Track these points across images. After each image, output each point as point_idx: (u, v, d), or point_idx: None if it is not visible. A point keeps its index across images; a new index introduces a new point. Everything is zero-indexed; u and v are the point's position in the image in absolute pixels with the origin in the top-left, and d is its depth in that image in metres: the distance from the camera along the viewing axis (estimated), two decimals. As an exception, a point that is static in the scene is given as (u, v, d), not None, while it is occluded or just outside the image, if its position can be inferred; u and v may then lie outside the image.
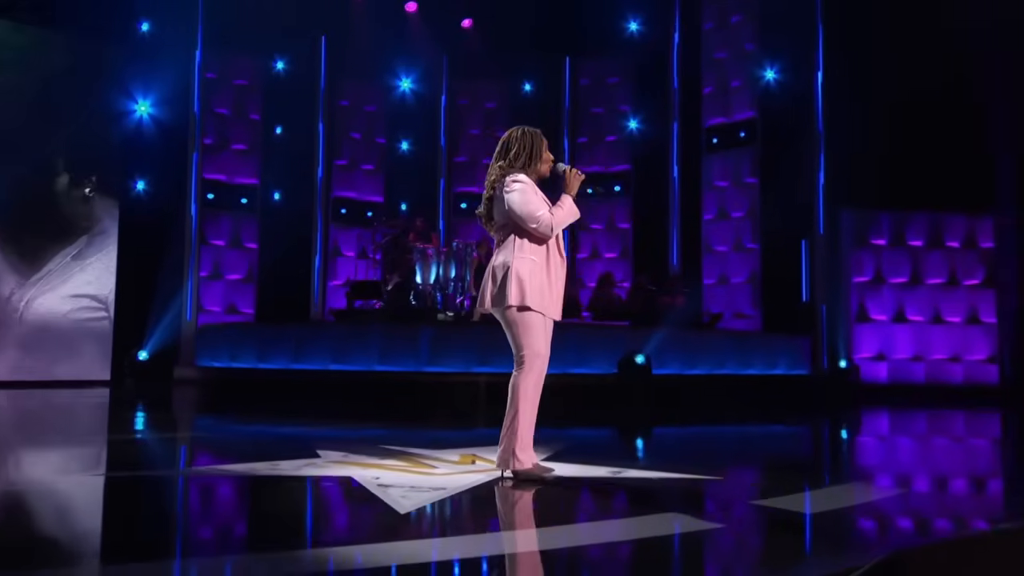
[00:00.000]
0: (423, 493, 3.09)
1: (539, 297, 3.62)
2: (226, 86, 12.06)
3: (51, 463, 4.22)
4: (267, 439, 5.32)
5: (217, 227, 11.87)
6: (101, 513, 3.03)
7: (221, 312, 11.77)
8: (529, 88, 13.99)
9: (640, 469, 3.88)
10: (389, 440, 4.70)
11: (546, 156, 3.81)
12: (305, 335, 9.40)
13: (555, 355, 9.09)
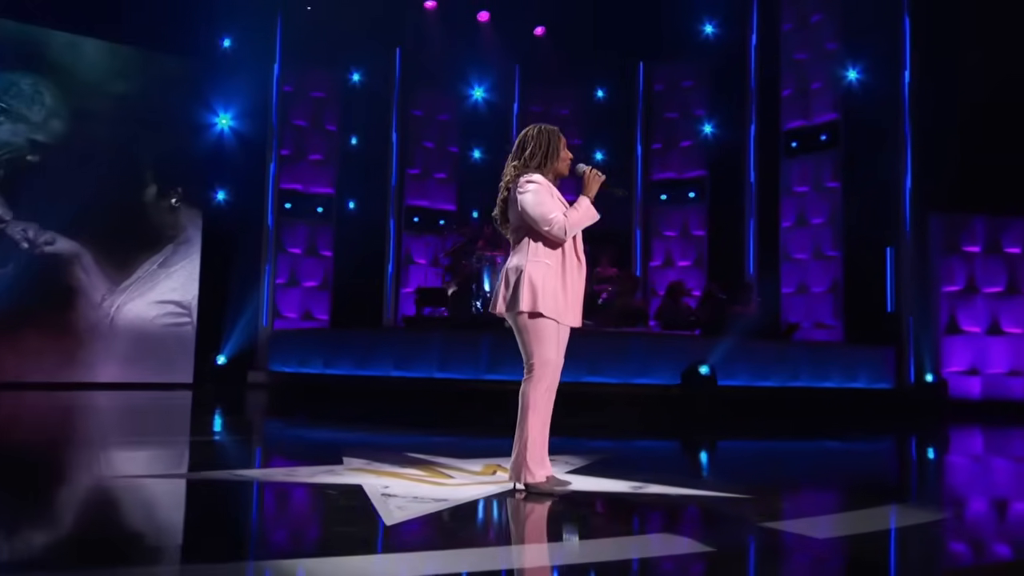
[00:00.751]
0: (422, 504, 3.06)
1: (552, 303, 3.50)
2: (303, 99, 12.42)
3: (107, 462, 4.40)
4: (303, 444, 5.42)
5: (294, 235, 12.23)
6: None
7: (297, 318, 12.11)
8: (602, 94, 13.87)
9: (667, 485, 3.73)
10: (426, 448, 4.70)
11: (564, 155, 3.70)
12: (369, 342, 9.55)
13: (617, 365, 9.02)
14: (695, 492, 3.63)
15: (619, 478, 3.89)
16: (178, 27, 10.84)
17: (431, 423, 7.10)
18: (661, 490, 3.65)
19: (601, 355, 9.08)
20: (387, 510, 2.89)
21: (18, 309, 10.27)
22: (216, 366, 11.17)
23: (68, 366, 10.60)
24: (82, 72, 10.93)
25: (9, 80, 10.53)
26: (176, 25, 10.79)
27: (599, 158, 13.87)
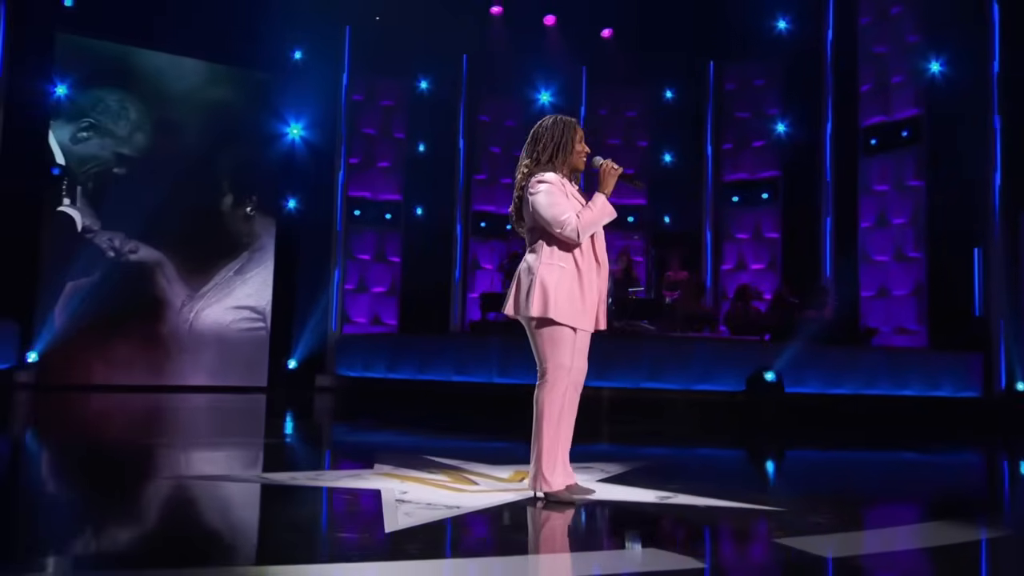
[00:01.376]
0: (433, 511, 3.03)
1: (566, 307, 3.37)
2: (372, 107, 12.66)
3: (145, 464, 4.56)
4: (345, 447, 5.48)
5: (363, 242, 12.47)
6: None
7: (367, 323, 12.33)
8: (670, 95, 13.64)
9: (698, 495, 3.60)
10: (468, 453, 4.69)
11: (579, 148, 3.56)
12: (430, 347, 9.64)
13: (679, 370, 8.80)
14: (724, 504, 3.49)
15: (650, 487, 3.78)
16: (252, 42, 11.21)
17: (484, 428, 7.09)
18: (688, 501, 3.52)
19: (662, 360, 8.92)
20: (394, 516, 2.88)
21: (105, 314, 10.79)
22: (287, 370, 11.47)
23: (151, 369, 11.08)
24: (163, 87, 11.43)
25: (97, 97, 11.10)
26: (250, 40, 11.15)
27: (667, 160, 13.66)
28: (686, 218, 13.37)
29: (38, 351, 10.16)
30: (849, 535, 3.02)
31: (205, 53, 11.38)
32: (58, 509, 3.26)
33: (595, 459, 4.71)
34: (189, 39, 10.96)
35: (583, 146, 3.59)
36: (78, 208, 10.92)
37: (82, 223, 10.93)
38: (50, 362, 10.33)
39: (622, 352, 8.95)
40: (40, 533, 2.75)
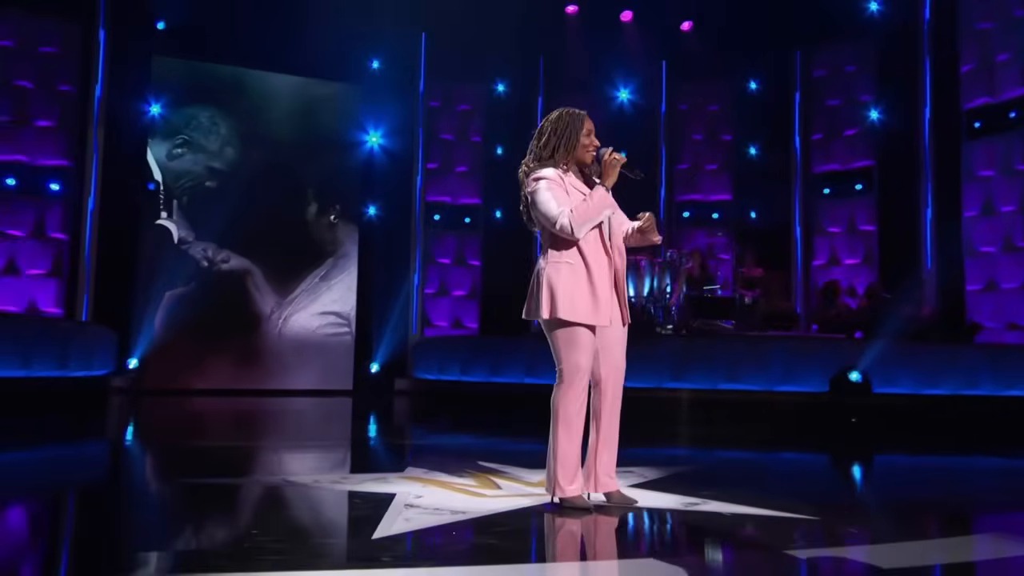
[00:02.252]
0: (435, 516, 2.97)
1: (575, 305, 3.26)
2: (449, 112, 12.79)
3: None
4: (390, 451, 5.49)
5: (443, 246, 12.60)
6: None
7: (447, 327, 12.45)
8: (755, 86, 13.18)
9: (731, 502, 3.41)
10: (512, 457, 4.62)
11: (585, 142, 3.43)
12: (502, 349, 9.62)
13: (758, 371, 8.43)
14: (754, 511, 3.29)
15: (683, 493, 3.62)
16: (332, 54, 11.52)
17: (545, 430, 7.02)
18: (716, 507, 3.34)
19: (740, 361, 8.60)
20: (392, 522, 2.85)
21: (200, 321, 11.33)
22: (370, 374, 11.72)
23: (243, 374, 11.53)
24: (250, 102, 11.90)
25: (190, 114, 11.67)
26: (330, 52, 11.47)
27: (752, 153, 13.20)
28: (773, 213, 12.88)
29: (138, 357, 10.74)
30: (873, 548, 2.78)
31: (288, 67, 11.77)
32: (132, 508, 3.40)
33: (644, 463, 4.57)
34: (273, 55, 11.36)
35: (591, 139, 3.46)
36: (174, 221, 11.50)
37: (178, 235, 11.51)
38: (149, 368, 10.91)
39: (697, 353, 8.69)
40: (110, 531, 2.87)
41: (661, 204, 13.25)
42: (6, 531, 2.98)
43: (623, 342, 3.42)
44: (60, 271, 10.64)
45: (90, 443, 5.93)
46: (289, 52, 11.30)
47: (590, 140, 3.44)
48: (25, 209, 10.55)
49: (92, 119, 10.70)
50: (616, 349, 3.39)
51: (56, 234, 10.68)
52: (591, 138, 3.45)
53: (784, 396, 8.36)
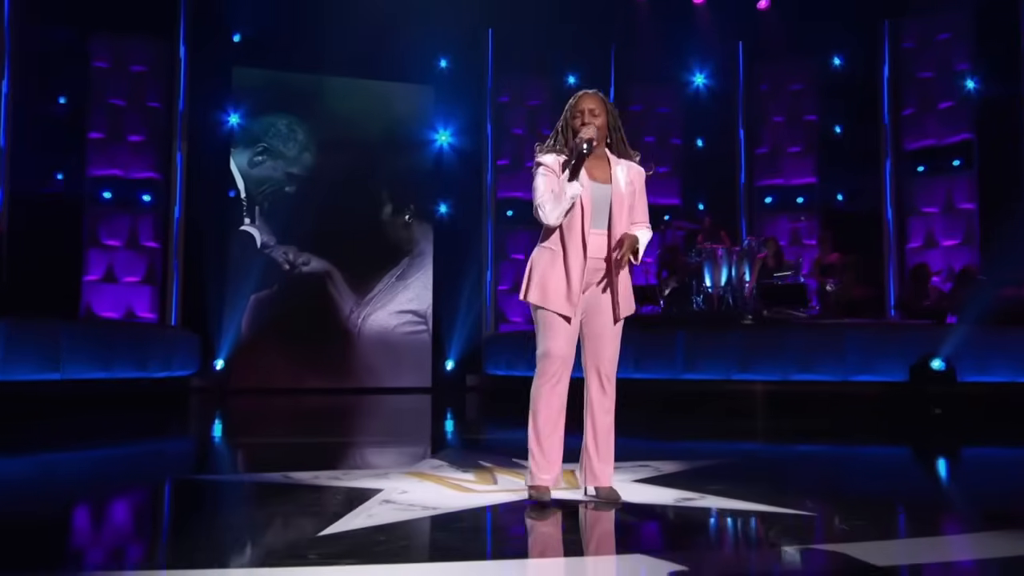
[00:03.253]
0: (405, 512, 2.91)
1: (543, 291, 3.21)
2: (520, 107, 12.76)
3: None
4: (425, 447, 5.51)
5: (516, 242, 12.59)
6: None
7: (523, 323, 12.43)
8: (839, 62, 12.53)
9: (731, 498, 3.23)
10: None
11: (575, 125, 3.29)
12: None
13: (833, 361, 8.00)
14: (750, 507, 3.09)
15: (684, 488, 3.46)
16: (401, 56, 11.69)
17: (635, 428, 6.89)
18: (710, 503, 3.18)
19: (813, 350, 8.19)
20: (353, 518, 2.81)
21: (283, 322, 11.75)
22: (446, 371, 11.85)
23: (325, 372, 11.88)
24: (325, 107, 12.24)
25: (269, 123, 12.12)
26: (399, 54, 11.65)
27: (838, 132, 12.55)
28: (863, 194, 12.21)
29: (224, 358, 11.24)
30: (860, 545, 2.56)
31: (360, 71, 12.02)
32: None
33: (675, 457, 4.41)
34: (345, 60, 11.61)
35: (577, 121, 3.32)
36: (256, 226, 11.97)
37: (261, 240, 11.97)
38: (235, 368, 11.40)
39: (767, 343, 8.34)
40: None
41: (740, 190, 12.80)
42: (110, 518, 3.17)
43: (616, 334, 3.30)
44: (153, 278, 11.27)
45: (175, 439, 6.25)
46: (360, 57, 11.54)
47: (577, 122, 3.31)
48: (120, 220, 11.23)
49: (176, 132, 11.27)
50: (606, 340, 3.28)
51: (148, 243, 11.32)
52: (577, 120, 3.31)
53: (860, 387, 7.91)
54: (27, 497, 3.56)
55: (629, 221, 3.32)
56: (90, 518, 3.21)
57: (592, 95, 3.35)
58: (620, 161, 3.37)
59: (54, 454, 5.02)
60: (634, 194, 3.34)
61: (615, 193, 3.28)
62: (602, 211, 3.26)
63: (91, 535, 2.91)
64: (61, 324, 7.54)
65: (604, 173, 3.31)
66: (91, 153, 11.18)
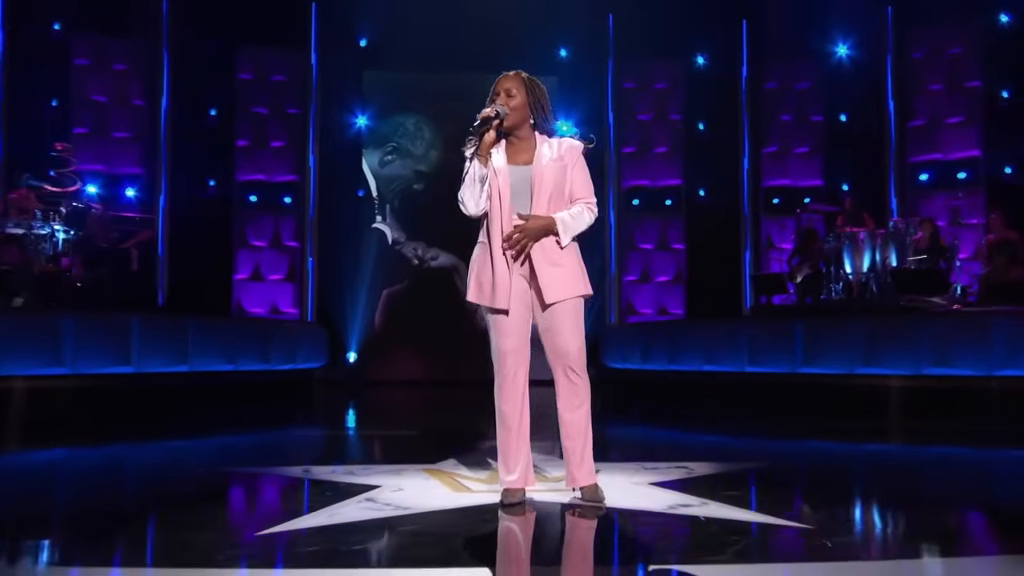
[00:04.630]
0: (375, 511, 2.88)
1: (479, 287, 3.14)
2: (646, 92, 12.39)
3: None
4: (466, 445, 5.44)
5: (643, 231, 12.25)
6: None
7: (653, 314, 12.10)
8: (1007, 19, 11.16)
9: (735, 505, 2.95)
10: (627, 449, 4.40)
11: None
12: (677, 335, 9.15)
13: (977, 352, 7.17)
14: (744, 517, 2.81)
15: (689, 493, 3.22)
16: (522, 48, 11.64)
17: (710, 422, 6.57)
18: (703, 511, 2.91)
19: (952, 340, 7.37)
20: (317, 515, 2.80)
21: (412, 316, 12.13)
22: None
23: (452, 365, 12.12)
24: (450, 105, 12.44)
25: (398, 122, 12.53)
26: (520, 47, 11.59)
27: (1005, 96, 11.20)
28: None
29: (356, 351, 11.76)
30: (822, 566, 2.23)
31: (482, 66, 12.08)
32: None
33: (727, 458, 4.12)
34: (468, 57, 11.74)
35: (494, 101, 3.21)
36: (387, 223, 12.42)
37: (392, 236, 12.41)
38: (369, 360, 11.90)
39: (896, 333, 7.59)
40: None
41: (891, 167, 11.73)
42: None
43: (569, 323, 3.09)
44: (295, 275, 11.98)
45: (293, 429, 6.62)
46: (482, 52, 11.60)
47: (492, 102, 3.18)
48: (265, 221, 12.03)
49: (309, 136, 11.90)
50: (558, 331, 3.08)
51: (290, 242, 12.04)
52: (496, 99, 3.18)
53: (1005, 382, 7.02)
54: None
55: (561, 201, 3.12)
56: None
57: (510, 76, 3.21)
58: (549, 140, 3.19)
59: (186, 440, 5.41)
60: (564, 170, 3.14)
61: (535, 173, 3.10)
62: (523, 194, 3.10)
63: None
64: (189, 319, 8.16)
65: (526, 155, 3.15)
66: (239, 159, 12.03)
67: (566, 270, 3.09)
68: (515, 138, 3.18)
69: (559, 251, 3.07)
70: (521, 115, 3.16)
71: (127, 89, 11.76)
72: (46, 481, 4.03)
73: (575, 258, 3.13)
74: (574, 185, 3.15)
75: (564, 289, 3.07)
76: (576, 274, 3.12)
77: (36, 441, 5.36)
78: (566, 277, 3.09)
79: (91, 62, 11.54)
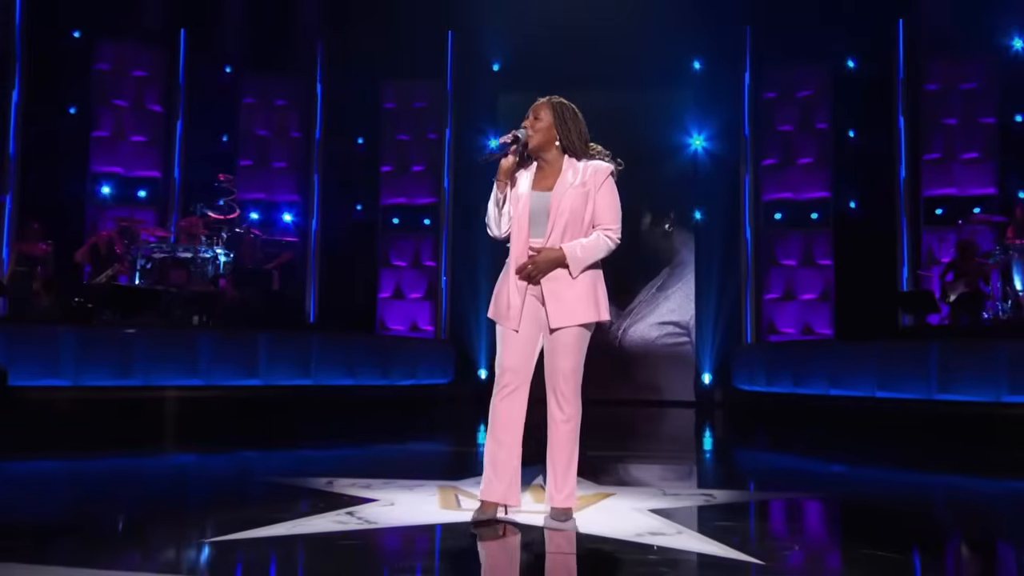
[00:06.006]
0: (343, 525, 2.92)
1: (496, 304, 3.22)
2: (788, 101, 11.73)
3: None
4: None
5: (786, 246, 11.58)
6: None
7: (796, 333, 11.39)
8: None
9: (708, 537, 2.74)
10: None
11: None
12: (801, 356, 8.56)
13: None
14: (707, 550, 2.59)
15: (684, 523, 3.01)
16: (656, 62, 11.48)
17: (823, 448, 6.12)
18: (666, 542, 2.72)
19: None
20: (279, 526, 2.85)
21: (546, 334, 12.16)
22: (704, 385, 11.29)
23: (585, 383, 12.00)
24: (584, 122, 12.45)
25: (532, 144, 12.67)
26: (654, 60, 11.45)
27: None
28: None
29: (486, 368, 11.96)
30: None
31: (615, 83, 12.01)
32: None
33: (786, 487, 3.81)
34: (599, 74, 11.69)
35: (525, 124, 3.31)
36: (521, 243, 12.56)
37: (526, 255, 12.54)
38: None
39: None
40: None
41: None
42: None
43: (567, 345, 3.13)
44: (432, 294, 12.42)
45: (409, 443, 6.89)
46: (613, 69, 11.55)
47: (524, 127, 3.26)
48: (406, 242, 12.58)
49: (444, 160, 12.34)
50: (556, 354, 3.13)
51: (428, 262, 12.51)
52: (527, 123, 3.26)
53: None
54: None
55: (579, 229, 3.14)
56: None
57: (542, 101, 3.29)
58: (577, 164, 3.19)
59: (280, 451, 5.80)
60: (586, 196, 3.12)
61: (553, 200, 3.13)
62: (542, 221, 3.14)
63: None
64: (313, 335, 8.69)
65: (549, 180, 3.20)
66: (383, 185, 12.69)
67: (574, 297, 3.14)
68: (543, 162, 3.23)
69: (577, 280, 3.15)
70: (546, 136, 3.21)
71: (286, 123, 12.78)
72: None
73: (588, 284, 3.18)
74: (596, 210, 3.19)
75: (568, 317, 3.12)
76: (585, 301, 3.16)
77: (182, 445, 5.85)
78: (573, 304, 3.14)
79: (256, 100, 12.65)
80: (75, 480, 4.48)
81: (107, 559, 2.55)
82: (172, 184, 12.20)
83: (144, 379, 7.67)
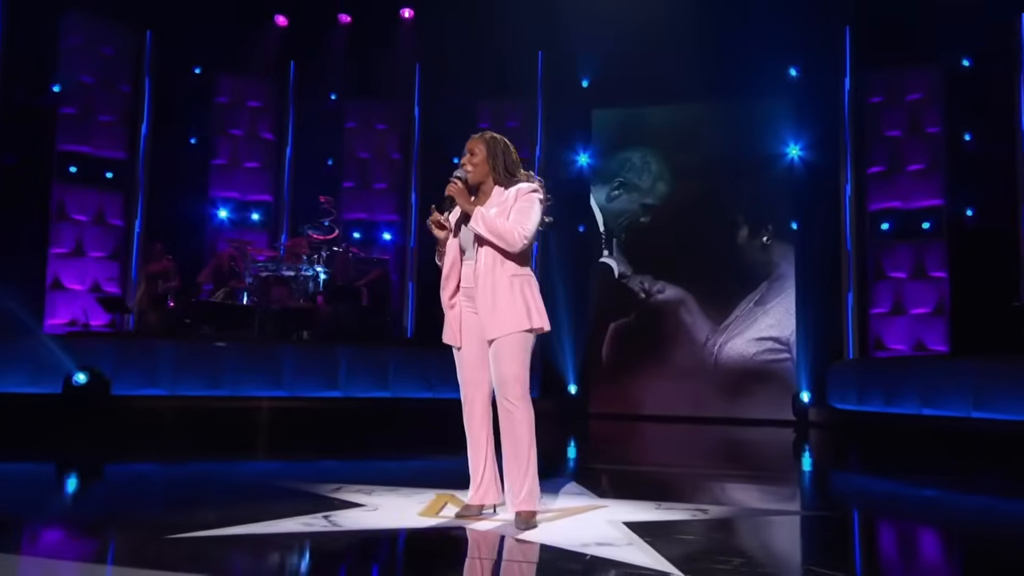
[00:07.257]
0: (310, 527, 3.00)
1: (446, 327, 3.47)
2: (896, 104, 11.06)
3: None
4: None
5: (893, 257, 10.89)
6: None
7: (907, 349, 10.66)
8: None
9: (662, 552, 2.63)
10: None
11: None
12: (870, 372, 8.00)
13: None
14: (651, 565, 2.48)
15: (637, 531, 2.90)
16: (748, 72, 11.14)
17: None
18: (613, 553, 2.62)
19: None
20: (248, 526, 2.99)
21: (639, 350, 12.00)
22: (803, 403, 10.73)
23: (681, 400, 11.74)
24: (676, 136, 12.25)
25: (624, 158, 12.58)
26: (747, 70, 11.10)
27: None
28: None
29: (578, 383, 11.88)
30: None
31: (709, 95, 11.76)
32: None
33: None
34: (694, 85, 11.49)
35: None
36: (614, 258, 12.46)
37: (618, 270, 12.42)
38: (594, 393, 11.98)
39: None
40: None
41: None
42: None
43: (505, 355, 3.26)
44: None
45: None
46: (707, 79, 11.29)
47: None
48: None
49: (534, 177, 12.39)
50: (497, 362, 3.27)
51: (521, 278, 12.59)
52: (464, 159, 3.47)
53: None
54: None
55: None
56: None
57: (475, 137, 3.51)
58: (505, 190, 3.40)
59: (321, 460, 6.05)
60: (506, 212, 3.30)
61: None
62: (470, 246, 3.37)
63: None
64: (389, 351, 8.95)
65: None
66: (478, 203, 12.90)
67: (507, 309, 3.28)
68: (480, 192, 3.45)
69: (505, 292, 3.28)
70: (482, 170, 3.44)
71: (386, 145, 13.28)
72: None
73: (520, 296, 3.30)
74: (511, 217, 3.32)
75: (502, 327, 3.27)
76: (518, 311, 3.28)
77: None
78: (504, 315, 3.28)
79: (358, 124, 13.23)
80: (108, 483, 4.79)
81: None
82: (282, 206, 12.94)
83: (232, 390, 8.15)
